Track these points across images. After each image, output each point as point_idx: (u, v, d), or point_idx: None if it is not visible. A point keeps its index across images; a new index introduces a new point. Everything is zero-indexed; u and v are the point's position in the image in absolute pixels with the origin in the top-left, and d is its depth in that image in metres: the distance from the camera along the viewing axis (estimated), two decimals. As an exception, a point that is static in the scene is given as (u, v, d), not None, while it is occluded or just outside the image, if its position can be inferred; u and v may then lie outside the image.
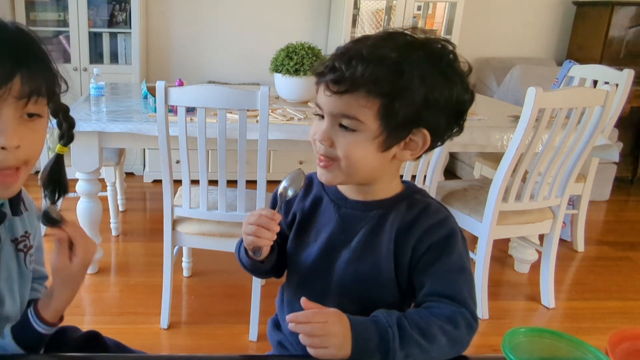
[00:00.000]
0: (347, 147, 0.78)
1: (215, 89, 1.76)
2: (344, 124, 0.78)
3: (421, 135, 0.79)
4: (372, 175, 0.83)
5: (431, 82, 0.76)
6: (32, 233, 0.94)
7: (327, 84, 0.78)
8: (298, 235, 0.93)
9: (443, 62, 0.79)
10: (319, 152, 0.82)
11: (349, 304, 0.84)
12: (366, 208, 0.87)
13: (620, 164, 3.51)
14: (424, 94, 0.76)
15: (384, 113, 0.76)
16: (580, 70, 2.70)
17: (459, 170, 4.12)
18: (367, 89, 0.75)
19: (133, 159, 3.88)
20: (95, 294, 2.37)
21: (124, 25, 3.74)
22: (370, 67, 0.75)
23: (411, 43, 0.78)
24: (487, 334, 2.12)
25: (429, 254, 0.81)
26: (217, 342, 2.04)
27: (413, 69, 0.75)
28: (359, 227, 0.86)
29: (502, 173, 2.05)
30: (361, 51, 0.76)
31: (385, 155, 0.80)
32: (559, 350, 0.69)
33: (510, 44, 4.25)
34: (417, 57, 0.77)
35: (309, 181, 0.94)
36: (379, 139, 0.78)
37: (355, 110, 0.76)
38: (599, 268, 2.77)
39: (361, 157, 0.79)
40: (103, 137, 2.16)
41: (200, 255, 2.51)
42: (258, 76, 3.90)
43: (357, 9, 3.82)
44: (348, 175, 0.82)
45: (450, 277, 0.81)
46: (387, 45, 0.77)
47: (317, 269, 0.90)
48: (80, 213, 2.32)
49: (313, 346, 0.73)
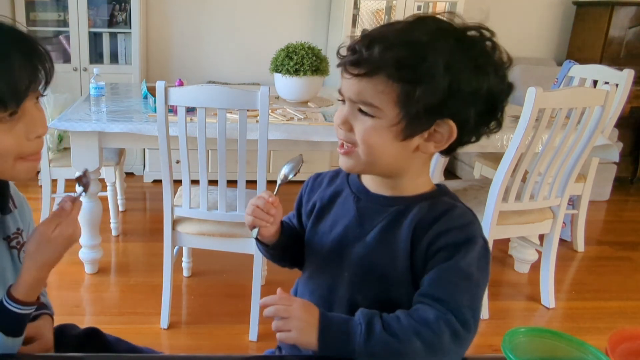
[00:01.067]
0: (365, 132, 0.76)
1: (215, 89, 1.76)
2: (363, 110, 0.76)
3: (447, 126, 0.75)
4: (394, 166, 0.80)
5: (458, 70, 0.72)
6: (24, 230, 0.95)
7: (345, 66, 0.76)
8: (315, 225, 0.91)
9: (475, 50, 0.75)
10: (340, 137, 0.80)
11: (362, 300, 0.82)
12: (387, 203, 0.83)
13: (620, 164, 3.51)
14: (449, 82, 0.71)
15: (404, 100, 0.72)
16: (580, 70, 2.70)
17: (459, 170, 4.12)
18: (387, 73, 0.72)
19: (133, 159, 3.88)
20: (95, 294, 2.37)
21: (124, 25, 3.74)
22: (392, 50, 0.71)
23: (443, 29, 0.75)
24: (487, 334, 2.11)
25: (440, 254, 0.77)
26: (217, 342, 2.04)
27: (438, 55, 0.71)
28: (376, 222, 0.83)
29: (502, 173, 2.05)
30: (386, 34, 0.74)
31: (406, 146, 0.77)
32: (559, 350, 0.69)
33: (510, 44, 4.17)
34: (446, 43, 0.73)
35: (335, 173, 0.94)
36: (398, 126, 0.74)
37: (373, 96, 0.74)
38: (599, 268, 2.77)
39: (379, 144, 0.76)
40: (103, 137, 2.16)
41: (200, 255, 2.51)
42: (258, 76, 3.90)
43: (357, 9, 3.82)
44: (367, 164, 0.79)
45: (450, 280, 0.76)
46: (415, 29, 0.74)
47: (329, 261, 0.87)
48: (81, 213, 2.32)
49: (277, 328, 0.74)
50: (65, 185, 3.04)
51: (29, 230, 0.98)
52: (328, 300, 0.87)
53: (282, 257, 0.97)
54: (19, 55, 0.76)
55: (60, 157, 2.75)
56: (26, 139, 0.80)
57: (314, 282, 0.91)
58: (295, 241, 0.95)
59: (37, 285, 0.84)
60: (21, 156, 0.81)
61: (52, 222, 0.83)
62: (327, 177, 0.94)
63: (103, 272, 2.53)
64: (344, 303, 0.85)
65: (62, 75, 3.59)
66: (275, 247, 0.93)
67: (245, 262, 2.09)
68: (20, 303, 0.83)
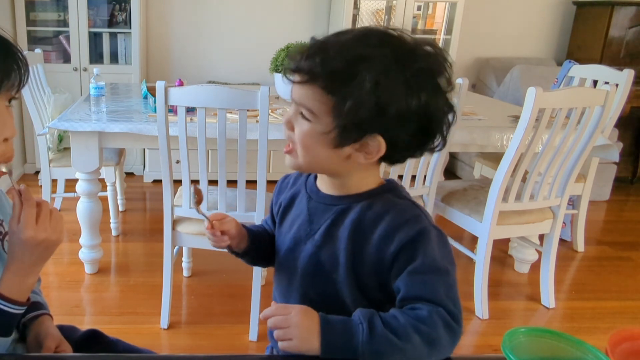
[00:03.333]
0: (301, 134, 0.79)
1: (215, 89, 1.76)
2: (301, 112, 0.79)
3: (376, 141, 0.77)
4: (331, 169, 0.83)
5: (387, 89, 0.72)
6: (4, 219, 0.95)
7: (285, 72, 0.80)
8: (280, 225, 0.96)
9: (412, 70, 0.73)
10: (285, 136, 0.84)
11: (314, 295, 0.86)
12: (332, 202, 0.87)
13: (620, 164, 3.52)
14: (376, 100, 0.72)
15: (336, 111, 0.75)
16: (580, 70, 2.71)
17: (459, 170, 4.12)
18: (321, 85, 0.75)
19: (133, 159, 3.88)
20: (95, 294, 2.37)
21: (124, 25, 3.74)
22: (328, 63, 0.74)
23: (385, 44, 0.75)
24: (487, 334, 2.12)
25: (402, 256, 0.78)
26: (217, 342, 2.04)
27: (370, 71, 0.72)
28: (323, 221, 0.86)
29: (502, 173, 2.05)
30: (327, 46, 0.76)
31: (339, 153, 0.79)
32: (559, 350, 0.69)
33: (510, 44, 4.25)
34: (383, 59, 0.73)
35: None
36: (330, 135, 0.77)
37: (311, 102, 0.77)
38: (599, 268, 2.77)
39: (314, 148, 0.79)
40: (103, 137, 2.16)
41: (200, 255, 2.51)
42: (258, 76, 3.91)
43: (357, 9, 3.82)
44: (306, 163, 0.82)
45: (423, 278, 0.77)
46: (358, 42, 0.75)
47: (287, 259, 0.92)
48: (80, 213, 2.32)
49: (278, 338, 0.74)
50: (65, 185, 3.05)
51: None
52: (286, 295, 0.93)
53: (254, 260, 1.03)
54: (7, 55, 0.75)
55: (60, 157, 2.75)
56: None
57: (277, 277, 0.97)
58: (266, 243, 1.00)
59: (20, 282, 0.83)
60: None
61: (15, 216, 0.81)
62: (292, 178, 0.98)
63: (103, 272, 2.52)
64: (298, 297, 0.90)
65: (62, 75, 3.60)
66: (245, 254, 1.00)
67: (245, 262, 2.09)
68: (7, 300, 0.82)
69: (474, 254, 2.30)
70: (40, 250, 0.82)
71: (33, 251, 0.81)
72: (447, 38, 3.89)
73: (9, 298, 0.82)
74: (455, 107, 0.80)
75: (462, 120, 2.26)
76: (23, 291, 0.84)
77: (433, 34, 3.96)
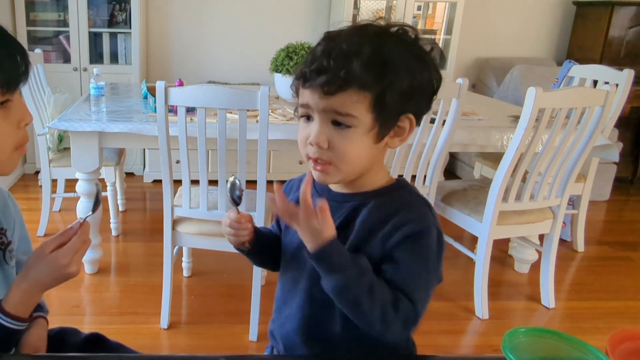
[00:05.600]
0: (345, 144, 0.79)
1: (215, 89, 1.76)
2: (339, 121, 0.78)
3: (408, 120, 0.82)
4: (367, 167, 0.84)
5: (413, 69, 0.78)
6: (7, 228, 0.94)
7: (320, 86, 0.77)
8: (286, 227, 0.96)
9: (416, 47, 0.80)
10: (313, 155, 0.81)
11: (318, 292, 0.86)
12: (344, 199, 0.87)
13: (620, 164, 3.51)
14: (409, 81, 0.78)
15: (376, 105, 0.77)
16: (580, 70, 2.71)
17: (459, 170, 4.12)
18: (358, 85, 0.76)
19: (133, 159, 3.88)
20: (95, 294, 2.37)
21: (124, 25, 3.74)
22: (356, 62, 0.75)
23: (385, 34, 0.80)
24: (487, 334, 2.12)
25: (399, 247, 0.81)
26: (217, 342, 2.04)
27: (395, 58, 0.77)
28: (335, 218, 0.86)
29: (502, 173, 2.05)
30: (343, 48, 0.77)
31: (379, 146, 0.82)
32: (559, 350, 0.69)
33: (510, 44, 4.25)
34: (394, 46, 0.78)
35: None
36: (374, 131, 0.79)
37: (349, 106, 0.77)
38: (599, 268, 2.77)
39: (358, 153, 0.80)
40: (103, 137, 2.16)
41: (200, 255, 2.51)
42: (258, 76, 3.90)
43: (357, 9, 3.82)
44: (346, 174, 0.82)
45: (410, 273, 0.81)
46: (364, 38, 0.78)
47: (295, 258, 0.92)
48: (80, 213, 2.32)
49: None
50: (65, 185, 3.05)
51: (14, 229, 0.97)
52: (291, 293, 0.93)
53: (262, 261, 1.04)
54: (17, 45, 0.78)
55: (60, 157, 2.75)
56: (17, 127, 0.81)
57: (282, 278, 0.97)
58: (273, 245, 0.99)
59: (27, 301, 0.84)
60: (17, 145, 0.82)
61: (55, 241, 0.84)
62: (297, 181, 0.99)
63: (103, 272, 2.53)
64: (303, 297, 0.90)
65: (62, 75, 3.60)
66: (252, 253, 0.99)
67: (245, 262, 2.06)
68: (11, 317, 0.82)
69: (474, 254, 2.30)
70: (61, 278, 0.84)
71: (57, 278, 0.84)
72: (447, 38, 3.89)
73: (14, 315, 0.82)
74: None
75: (462, 120, 2.26)
76: (28, 308, 0.85)
77: (433, 34, 3.96)
